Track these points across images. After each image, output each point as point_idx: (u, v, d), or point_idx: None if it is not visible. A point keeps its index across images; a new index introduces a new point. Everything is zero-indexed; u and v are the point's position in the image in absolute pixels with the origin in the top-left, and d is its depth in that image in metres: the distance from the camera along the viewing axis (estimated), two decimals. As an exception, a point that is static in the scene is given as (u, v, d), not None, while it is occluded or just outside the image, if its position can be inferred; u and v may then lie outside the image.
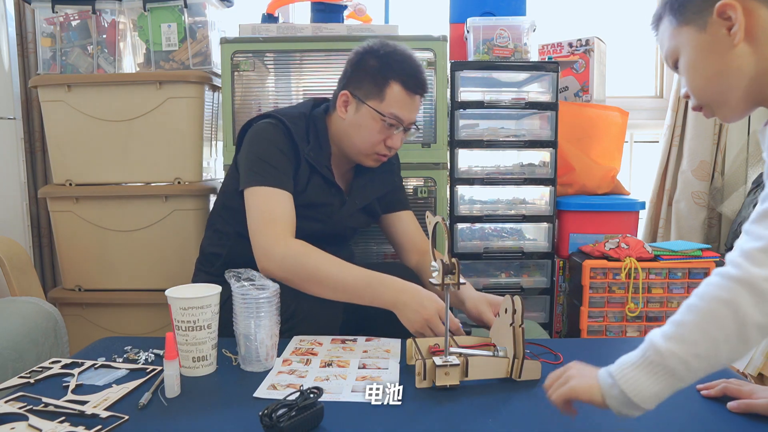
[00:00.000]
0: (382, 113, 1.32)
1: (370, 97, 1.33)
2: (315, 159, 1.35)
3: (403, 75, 1.32)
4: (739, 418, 0.84)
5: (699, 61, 0.78)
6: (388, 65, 1.32)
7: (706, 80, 0.79)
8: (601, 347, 1.12)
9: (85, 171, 1.97)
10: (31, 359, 1.28)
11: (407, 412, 0.87)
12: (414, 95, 1.34)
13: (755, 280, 0.64)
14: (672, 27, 0.80)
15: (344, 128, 1.37)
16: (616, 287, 2.01)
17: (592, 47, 2.24)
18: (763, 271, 0.63)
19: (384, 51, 1.34)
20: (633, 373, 0.69)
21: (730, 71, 0.76)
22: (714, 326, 0.65)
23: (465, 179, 2.05)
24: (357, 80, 1.35)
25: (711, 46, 0.76)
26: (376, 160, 1.39)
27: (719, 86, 0.78)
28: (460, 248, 2.08)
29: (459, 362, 0.95)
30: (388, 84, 1.31)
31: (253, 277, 1.08)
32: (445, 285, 0.97)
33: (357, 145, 1.36)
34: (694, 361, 0.66)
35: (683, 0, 0.78)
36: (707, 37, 0.76)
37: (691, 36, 0.77)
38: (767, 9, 0.72)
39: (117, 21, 2.01)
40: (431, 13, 2.59)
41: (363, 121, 1.33)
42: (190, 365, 1.01)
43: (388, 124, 1.33)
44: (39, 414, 0.84)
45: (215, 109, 2.09)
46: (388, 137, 1.35)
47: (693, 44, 0.78)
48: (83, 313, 2.02)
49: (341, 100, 1.36)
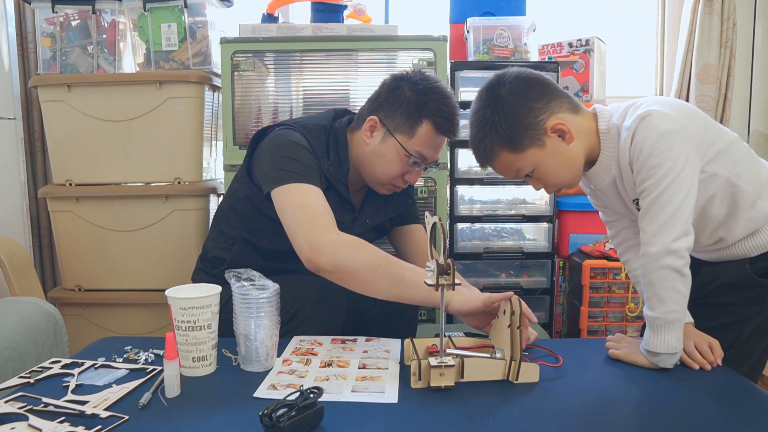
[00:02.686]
0: (408, 150, 1.29)
1: (400, 130, 1.29)
2: (334, 175, 1.31)
3: (438, 116, 1.28)
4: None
5: (551, 164, 1.10)
6: (424, 103, 1.28)
7: (564, 174, 1.12)
8: (601, 347, 1.12)
9: (85, 171, 1.97)
10: (31, 359, 1.28)
11: (407, 412, 0.87)
12: (443, 137, 1.32)
13: (667, 245, 0.99)
14: (514, 155, 1.10)
15: (366, 153, 1.33)
16: (616, 287, 2.01)
17: (592, 47, 2.24)
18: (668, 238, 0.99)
19: (423, 86, 1.29)
20: (657, 340, 1.01)
21: (574, 159, 1.11)
22: (669, 283, 1.00)
23: (465, 179, 2.05)
24: (389, 109, 1.30)
25: (555, 153, 1.09)
26: (390, 191, 1.37)
27: (572, 171, 1.12)
28: (460, 248, 2.08)
29: (454, 363, 0.94)
30: (421, 122, 1.28)
31: (253, 277, 1.08)
32: (440, 286, 0.97)
33: (376, 173, 1.33)
34: (675, 306, 1.00)
35: (514, 138, 1.08)
36: (549, 148, 1.09)
37: (536, 152, 1.09)
38: (570, 114, 1.10)
39: (117, 21, 2.01)
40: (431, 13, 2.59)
41: (387, 152, 1.30)
42: (190, 365, 1.01)
43: (412, 161, 1.30)
44: (39, 414, 0.84)
45: (215, 109, 2.09)
46: (407, 172, 1.33)
47: (541, 157, 1.09)
48: (83, 313, 2.02)
49: (368, 125, 1.32)
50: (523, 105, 1.08)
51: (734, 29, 2.40)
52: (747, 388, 0.97)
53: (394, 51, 1.84)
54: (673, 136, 1.01)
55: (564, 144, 1.09)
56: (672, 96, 2.46)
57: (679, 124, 1.02)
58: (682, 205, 1.00)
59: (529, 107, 1.08)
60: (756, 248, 1.13)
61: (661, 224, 1.00)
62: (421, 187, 1.87)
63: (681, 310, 1.01)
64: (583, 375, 1.01)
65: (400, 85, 1.31)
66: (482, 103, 1.12)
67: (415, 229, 1.52)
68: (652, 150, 1.01)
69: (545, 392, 0.94)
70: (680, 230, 1.00)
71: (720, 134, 1.10)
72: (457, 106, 1.33)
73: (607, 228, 1.30)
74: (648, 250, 1.02)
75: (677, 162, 1.00)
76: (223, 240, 1.41)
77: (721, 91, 2.42)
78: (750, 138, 2.50)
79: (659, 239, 1.00)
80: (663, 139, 1.01)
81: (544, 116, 1.08)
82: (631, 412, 0.88)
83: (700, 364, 1.03)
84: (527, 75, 1.11)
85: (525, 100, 1.08)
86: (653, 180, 1.01)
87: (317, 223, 1.15)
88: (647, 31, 2.70)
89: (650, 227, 1.02)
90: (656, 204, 1.01)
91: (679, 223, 0.99)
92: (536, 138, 1.08)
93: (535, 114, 1.08)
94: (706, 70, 2.40)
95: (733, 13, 2.39)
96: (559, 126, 1.08)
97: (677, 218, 0.99)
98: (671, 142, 1.01)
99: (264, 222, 1.32)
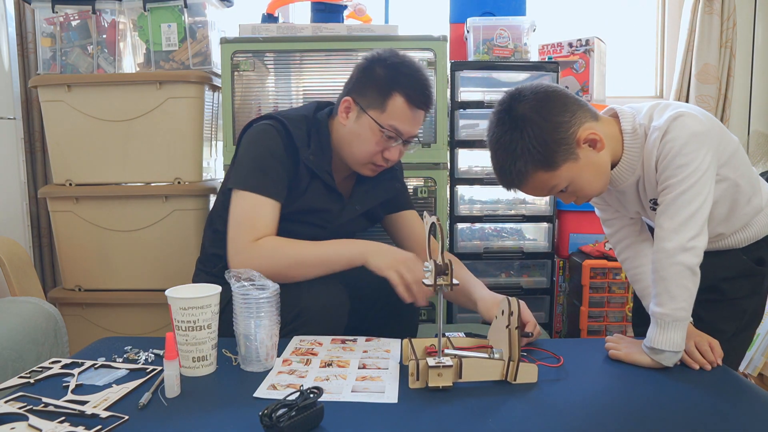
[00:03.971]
0: (381, 125, 1.29)
1: (372, 106, 1.30)
2: (315, 163, 1.33)
3: (408, 88, 1.29)
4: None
5: (585, 176, 1.08)
6: (394, 76, 1.29)
7: (597, 183, 1.11)
8: (601, 347, 1.12)
9: (85, 171, 1.97)
10: (31, 359, 1.28)
11: (407, 412, 0.87)
12: (417, 110, 1.31)
13: (684, 243, 1.01)
14: (549, 173, 1.07)
15: (344, 135, 1.35)
16: (616, 287, 2.01)
17: (592, 47, 2.24)
18: (685, 236, 1.01)
19: (392, 61, 1.31)
20: (663, 337, 1.01)
21: (605, 166, 1.10)
22: (681, 280, 1.01)
23: (465, 179, 2.05)
24: (361, 87, 1.32)
25: (588, 164, 1.07)
26: (373, 170, 1.37)
27: (604, 179, 1.12)
28: (460, 248, 2.08)
29: (452, 363, 0.94)
30: (392, 95, 1.29)
31: (253, 277, 1.08)
32: (437, 286, 0.97)
33: (354, 153, 1.34)
34: (684, 304, 1.01)
35: (548, 156, 1.05)
36: (583, 160, 1.07)
37: (571, 167, 1.06)
38: (593, 121, 1.08)
39: (117, 21, 2.01)
40: (431, 13, 2.59)
41: (362, 130, 1.31)
42: (190, 365, 1.01)
43: (387, 136, 1.30)
44: (39, 414, 0.84)
45: (215, 109, 2.09)
46: (386, 149, 1.32)
47: (576, 171, 1.07)
48: (83, 313, 2.02)
49: (343, 106, 1.33)
50: (551, 121, 1.05)
51: (734, 29, 2.40)
52: (747, 388, 0.97)
53: (394, 51, 1.84)
54: (703, 138, 1.03)
55: (595, 153, 1.08)
56: (672, 96, 2.46)
57: (707, 127, 1.04)
58: (702, 206, 1.02)
59: (557, 122, 1.06)
60: (746, 240, 1.19)
61: (681, 222, 1.01)
62: (421, 187, 1.87)
63: (688, 308, 1.02)
64: (583, 375, 1.01)
65: (371, 65, 1.32)
66: (505, 126, 1.08)
67: (408, 215, 1.52)
68: (682, 149, 1.02)
69: (544, 392, 0.94)
70: (698, 229, 1.01)
71: (729, 139, 1.13)
72: (428, 79, 1.32)
73: (604, 226, 1.31)
74: (664, 246, 1.02)
75: (703, 163, 1.02)
76: (219, 238, 1.41)
77: (721, 91, 2.42)
78: (750, 138, 2.50)
79: (677, 236, 1.01)
80: (694, 140, 1.02)
81: (574, 128, 1.06)
82: (631, 412, 0.88)
83: (701, 364, 1.03)
84: (545, 89, 1.09)
85: (550, 116, 1.06)
86: (678, 178, 1.02)
87: (249, 231, 1.24)
88: (647, 31, 2.71)
89: (669, 223, 1.02)
90: (678, 201, 1.02)
91: (697, 223, 1.01)
92: (570, 152, 1.06)
93: (565, 128, 1.06)
94: (706, 70, 2.40)
95: (733, 13, 2.39)
96: (591, 136, 1.06)
97: (697, 218, 1.01)
98: (701, 144, 1.02)
99: None
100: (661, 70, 2.67)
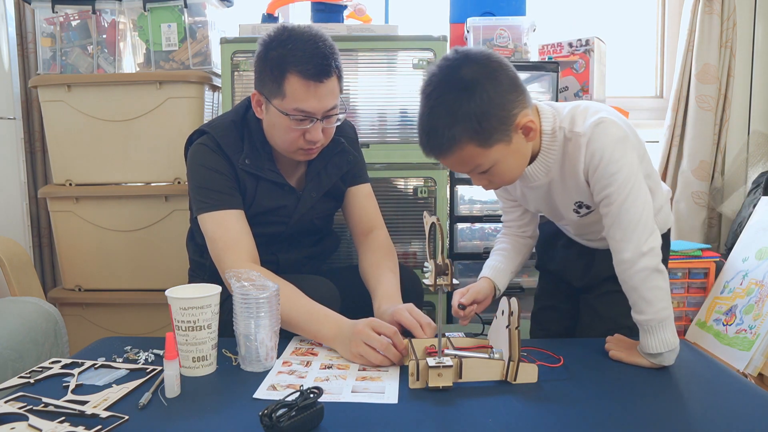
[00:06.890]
0: (285, 111, 1.21)
1: (273, 94, 1.22)
2: (253, 165, 1.29)
3: (299, 64, 1.18)
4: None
5: (510, 162, 1.05)
6: (283, 57, 1.19)
7: (516, 172, 1.09)
8: (601, 347, 1.12)
9: (85, 171, 1.97)
10: (31, 359, 1.28)
11: (407, 412, 0.87)
12: (316, 83, 1.19)
13: (640, 248, 1.01)
14: (480, 149, 1.01)
15: (266, 129, 1.30)
16: (616, 287, 2.01)
17: (592, 47, 2.24)
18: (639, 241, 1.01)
19: (278, 41, 1.21)
20: (655, 340, 1.01)
21: (525, 159, 1.09)
22: (650, 283, 1.01)
23: (465, 179, 2.05)
24: (261, 78, 1.24)
25: (516, 150, 1.05)
26: (306, 154, 1.30)
27: (522, 170, 1.10)
28: (460, 248, 2.08)
29: (452, 363, 0.94)
30: (286, 77, 1.19)
31: (253, 277, 1.08)
32: (437, 286, 0.97)
33: (278, 144, 1.29)
34: (663, 303, 1.01)
35: (488, 131, 0.99)
36: (514, 145, 1.03)
37: (501, 149, 1.02)
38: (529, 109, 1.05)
39: (117, 21, 2.01)
40: (431, 13, 2.59)
41: (274, 120, 1.25)
42: (190, 365, 1.01)
43: (298, 120, 1.22)
44: (39, 414, 0.84)
45: (215, 109, 2.09)
46: (305, 131, 1.24)
47: (504, 154, 1.03)
48: (83, 313, 2.02)
49: (255, 102, 1.29)
50: (501, 95, 0.99)
51: (734, 29, 2.40)
52: (747, 388, 0.97)
53: (394, 51, 1.84)
54: (625, 141, 1.04)
55: (524, 142, 1.05)
56: (672, 96, 2.46)
57: (625, 131, 1.05)
58: (645, 207, 1.02)
59: (506, 99, 1.00)
60: None
61: (630, 229, 1.02)
62: (421, 187, 1.87)
63: (668, 306, 1.02)
64: (583, 375, 1.02)
65: (262, 51, 1.24)
66: (450, 84, 0.99)
67: (357, 190, 1.45)
68: (611, 157, 1.02)
69: (544, 392, 0.94)
70: (648, 231, 1.02)
71: (640, 141, 1.14)
72: (321, 45, 1.20)
73: (503, 212, 1.36)
74: (622, 257, 1.02)
75: (633, 166, 1.03)
76: (200, 251, 1.40)
77: (721, 91, 2.42)
78: (750, 138, 2.49)
79: (631, 244, 1.01)
80: (619, 146, 1.03)
81: (517, 110, 1.01)
82: (631, 412, 0.88)
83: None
84: (498, 58, 1.02)
85: (501, 89, 0.99)
86: (614, 187, 1.03)
87: (226, 252, 1.23)
88: (647, 31, 2.70)
89: (618, 233, 1.03)
90: (621, 210, 1.02)
91: (647, 225, 1.02)
92: (506, 133, 1.01)
93: (510, 107, 1.00)
94: (706, 70, 2.39)
95: (733, 13, 2.39)
96: (529, 124, 1.02)
97: (644, 220, 1.02)
98: (625, 149, 1.04)
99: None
100: (661, 70, 2.67)
